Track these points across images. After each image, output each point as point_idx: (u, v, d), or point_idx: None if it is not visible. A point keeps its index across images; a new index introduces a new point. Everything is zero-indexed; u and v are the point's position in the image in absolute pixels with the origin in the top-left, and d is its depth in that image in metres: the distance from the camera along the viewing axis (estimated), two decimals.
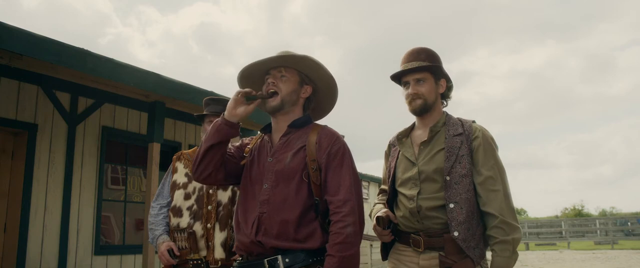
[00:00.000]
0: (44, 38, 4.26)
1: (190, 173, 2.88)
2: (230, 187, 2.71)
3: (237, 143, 2.18)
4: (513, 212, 2.05)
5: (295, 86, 2.01)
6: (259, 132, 2.15)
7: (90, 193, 6.04)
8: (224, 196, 2.70)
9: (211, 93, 5.80)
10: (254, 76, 2.08)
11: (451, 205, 2.03)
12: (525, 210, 56.12)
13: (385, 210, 2.22)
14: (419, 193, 2.11)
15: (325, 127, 2.02)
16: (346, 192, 1.84)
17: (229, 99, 1.98)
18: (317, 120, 2.16)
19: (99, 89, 5.49)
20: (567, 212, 46.65)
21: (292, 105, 2.00)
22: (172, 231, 2.78)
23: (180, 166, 2.95)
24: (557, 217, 44.19)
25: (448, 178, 2.07)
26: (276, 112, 1.99)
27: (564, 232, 24.01)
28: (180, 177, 2.90)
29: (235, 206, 2.30)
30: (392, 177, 2.28)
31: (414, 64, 2.22)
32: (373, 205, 2.43)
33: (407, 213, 2.12)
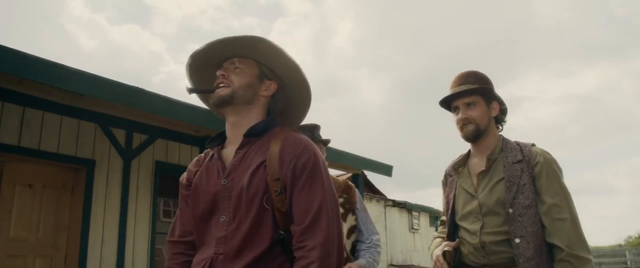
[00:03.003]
0: (102, 78, 4.49)
1: None
2: (347, 218, 2.59)
3: (184, 181, 1.79)
4: (583, 242, 1.86)
5: (251, 79, 1.59)
6: (206, 150, 1.74)
7: (145, 226, 6.20)
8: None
9: None
10: (207, 72, 1.69)
11: (517, 240, 1.88)
12: None
13: (447, 242, 2.11)
14: (482, 227, 1.98)
15: (291, 134, 1.56)
16: (312, 218, 1.41)
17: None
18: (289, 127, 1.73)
19: (152, 125, 5.72)
20: (631, 240, 44.02)
21: (247, 102, 1.57)
22: None
23: None
24: (620, 245, 41.73)
25: (511, 210, 1.92)
26: (225, 105, 1.56)
27: (629, 262, 22.61)
28: None
29: None
30: (451, 209, 2.16)
31: (463, 87, 2.09)
32: (432, 239, 2.32)
33: (472, 248, 2.01)
